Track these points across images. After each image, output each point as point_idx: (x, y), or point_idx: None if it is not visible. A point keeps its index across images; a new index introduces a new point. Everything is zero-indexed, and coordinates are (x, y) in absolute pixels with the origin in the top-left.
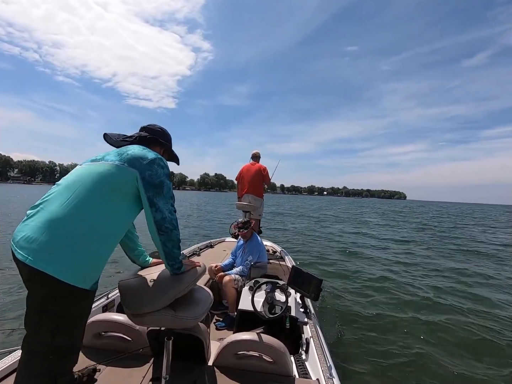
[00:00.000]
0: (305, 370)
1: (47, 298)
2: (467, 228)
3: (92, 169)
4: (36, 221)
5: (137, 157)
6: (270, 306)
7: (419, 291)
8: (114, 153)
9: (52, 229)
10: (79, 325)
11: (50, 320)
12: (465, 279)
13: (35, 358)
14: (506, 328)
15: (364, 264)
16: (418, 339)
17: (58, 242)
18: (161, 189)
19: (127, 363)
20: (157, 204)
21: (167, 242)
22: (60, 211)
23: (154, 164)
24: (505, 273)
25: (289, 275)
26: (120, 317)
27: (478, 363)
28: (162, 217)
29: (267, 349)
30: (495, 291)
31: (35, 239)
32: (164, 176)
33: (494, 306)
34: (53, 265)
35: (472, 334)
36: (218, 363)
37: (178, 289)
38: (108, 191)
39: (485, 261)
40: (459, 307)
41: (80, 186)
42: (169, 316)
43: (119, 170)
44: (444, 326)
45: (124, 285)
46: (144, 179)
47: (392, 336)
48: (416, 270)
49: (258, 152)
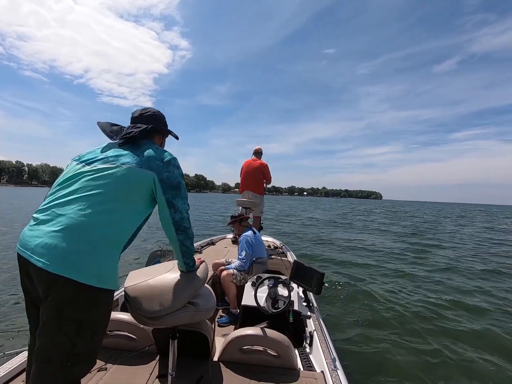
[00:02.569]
0: (310, 363)
1: (71, 303)
2: (440, 226)
3: (109, 173)
4: (54, 226)
5: (153, 159)
6: (273, 301)
7: (424, 284)
8: (129, 155)
9: (74, 236)
10: (100, 331)
11: (72, 327)
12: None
13: (50, 366)
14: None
15: (367, 257)
16: (422, 332)
17: (80, 249)
18: (179, 190)
19: (133, 361)
20: (176, 205)
21: (185, 240)
22: (79, 217)
23: (170, 165)
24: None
25: (291, 270)
26: (125, 316)
27: (481, 359)
28: (181, 217)
29: (271, 343)
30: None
31: (55, 245)
32: (180, 176)
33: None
34: (77, 271)
35: (476, 329)
36: (223, 359)
37: (195, 286)
38: (126, 195)
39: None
40: (469, 302)
41: (98, 190)
42: (191, 312)
43: (138, 173)
44: (449, 320)
45: (132, 290)
46: (162, 180)
47: (395, 328)
48: (420, 265)
49: (260, 148)
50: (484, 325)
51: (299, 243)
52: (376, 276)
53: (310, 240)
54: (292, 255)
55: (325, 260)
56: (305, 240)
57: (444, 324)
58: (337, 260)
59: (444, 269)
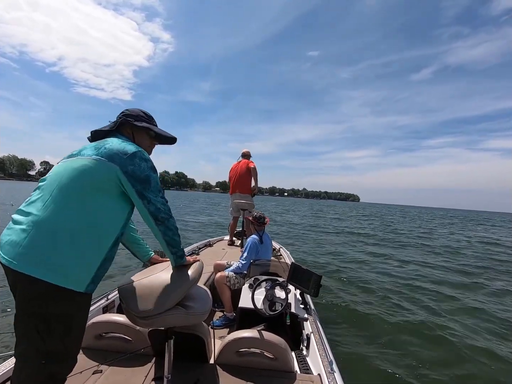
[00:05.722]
0: (307, 366)
1: (34, 300)
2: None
3: (68, 166)
4: (20, 224)
5: (116, 151)
6: (270, 303)
7: (418, 285)
8: (91, 147)
9: (35, 232)
10: (72, 329)
11: (38, 322)
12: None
13: (27, 363)
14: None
15: (364, 260)
16: (418, 335)
17: (42, 245)
18: (148, 184)
19: (129, 364)
20: (148, 196)
21: (167, 231)
22: (41, 213)
23: (135, 158)
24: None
25: (289, 272)
26: (120, 317)
27: (480, 362)
28: (156, 207)
29: (268, 346)
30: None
31: (18, 242)
32: (149, 169)
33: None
34: (37, 268)
35: (473, 333)
36: (220, 361)
37: (186, 285)
38: (88, 188)
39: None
40: (466, 302)
41: (57, 185)
42: (182, 314)
43: (97, 165)
44: (444, 322)
45: (125, 289)
46: (127, 173)
47: (391, 330)
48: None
49: (247, 150)
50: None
51: (301, 244)
52: (374, 279)
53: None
54: (289, 257)
55: (323, 263)
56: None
57: (443, 327)
58: (337, 261)
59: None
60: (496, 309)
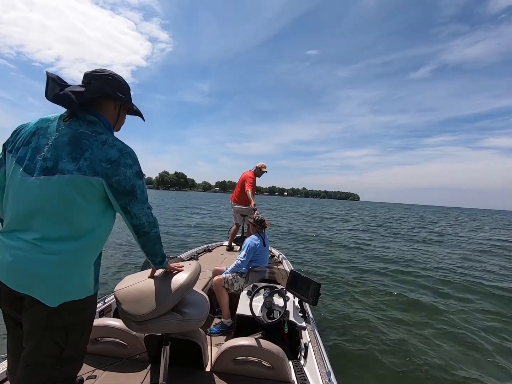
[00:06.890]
0: (304, 376)
1: (55, 315)
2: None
3: (50, 188)
4: (16, 248)
5: (98, 161)
6: (268, 311)
7: (418, 292)
8: (67, 157)
9: (36, 257)
10: (86, 332)
11: (57, 333)
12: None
13: (39, 370)
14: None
15: (364, 267)
16: (419, 344)
17: (45, 270)
18: (133, 195)
19: (124, 369)
20: (132, 212)
21: (147, 242)
22: (37, 235)
23: (120, 166)
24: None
25: (288, 280)
26: (117, 322)
27: (480, 368)
28: (140, 223)
29: (265, 355)
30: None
31: (24, 268)
32: (135, 177)
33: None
34: (49, 294)
35: (473, 340)
36: (216, 369)
37: (181, 289)
38: (77, 207)
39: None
40: (466, 310)
41: (44, 208)
42: (176, 321)
43: (81, 183)
44: (447, 331)
45: (122, 293)
46: (112, 186)
47: (391, 341)
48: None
49: (260, 163)
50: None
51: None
52: (374, 287)
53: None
54: (288, 264)
55: (323, 270)
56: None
57: (442, 332)
58: (337, 268)
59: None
60: (496, 310)
